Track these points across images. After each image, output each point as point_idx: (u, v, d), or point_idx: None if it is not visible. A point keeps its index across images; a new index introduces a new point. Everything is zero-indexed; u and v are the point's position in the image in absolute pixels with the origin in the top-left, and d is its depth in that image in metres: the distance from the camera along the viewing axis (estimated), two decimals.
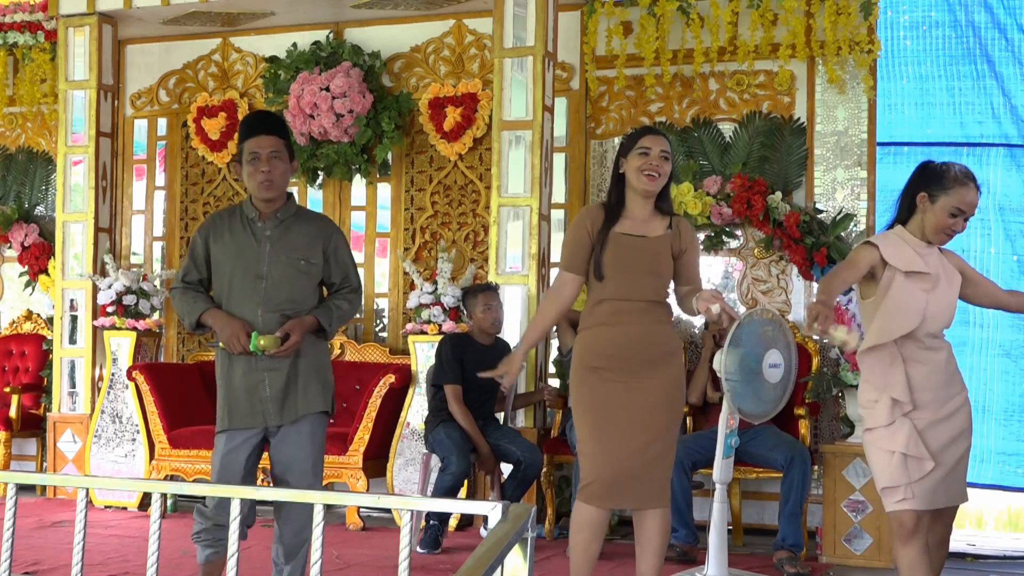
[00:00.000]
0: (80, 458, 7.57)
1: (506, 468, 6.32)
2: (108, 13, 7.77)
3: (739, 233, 6.94)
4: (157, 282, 7.64)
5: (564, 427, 6.45)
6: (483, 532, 6.20)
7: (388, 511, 7.00)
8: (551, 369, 7.00)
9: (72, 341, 7.77)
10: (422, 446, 6.52)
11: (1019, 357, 6.82)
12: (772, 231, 6.68)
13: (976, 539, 6.94)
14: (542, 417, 6.76)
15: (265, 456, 4.27)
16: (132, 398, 7.28)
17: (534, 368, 6.68)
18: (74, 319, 7.78)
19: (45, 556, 5.66)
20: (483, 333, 6.29)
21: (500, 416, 6.48)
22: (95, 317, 7.66)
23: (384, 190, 7.79)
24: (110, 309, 7.51)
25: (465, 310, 6.45)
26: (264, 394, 4.12)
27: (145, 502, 7.21)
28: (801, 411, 6.08)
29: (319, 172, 7.78)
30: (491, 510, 2.57)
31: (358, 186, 7.85)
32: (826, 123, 6.80)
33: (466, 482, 6.25)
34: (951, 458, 3.87)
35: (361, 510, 6.81)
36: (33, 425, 8.04)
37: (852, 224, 6.61)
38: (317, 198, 7.94)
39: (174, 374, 7.35)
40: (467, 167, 7.52)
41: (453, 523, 6.57)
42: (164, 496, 3.53)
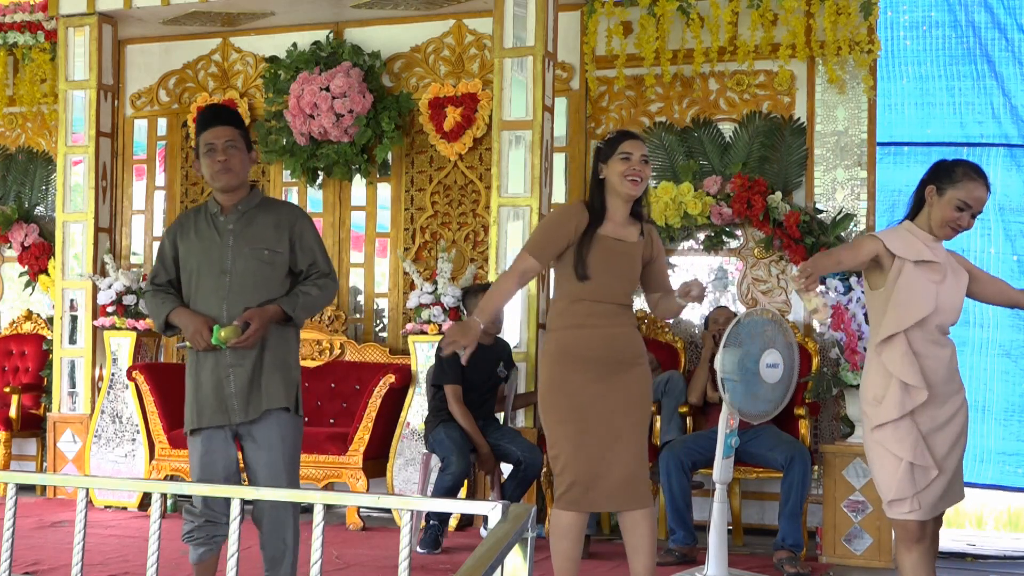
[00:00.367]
0: (80, 458, 7.57)
1: (506, 468, 6.32)
2: (108, 13, 7.77)
3: (739, 233, 6.94)
4: None
5: None
6: (483, 532, 6.19)
7: (388, 511, 7.00)
8: None
9: (72, 341, 7.77)
10: (422, 446, 6.52)
11: (1019, 357, 6.82)
12: (772, 231, 6.68)
13: (976, 539, 6.94)
14: None
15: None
16: (132, 398, 7.28)
17: (534, 368, 6.68)
18: (74, 319, 7.78)
19: (45, 556, 5.66)
20: (483, 333, 6.27)
21: (500, 416, 6.49)
22: (95, 317, 7.66)
23: (384, 190, 7.79)
24: (110, 309, 7.52)
25: (465, 310, 6.44)
26: (229, 390, 4.05)
27: (145, 502, 7.21)
28: (801, 411, 6.07)
29: (319, 172, 7.78)
30: (491, 510, 2.57)
31: (358, 186, 7.85)
32: (826, 123, 6.80)
33: (466, 482, 6.24)
34: (952, 463, 3.89)
35: (361, 510, 6.81)
36: (33, 425, 8.04)
37: (852, 224, 6.61)
38: (317, 198, 7.94)
39: (174, 374, 7.34)
40: (467, 167, 7.52)
41: (453, 523, 6.57)
42: (164, 496, 3.52)
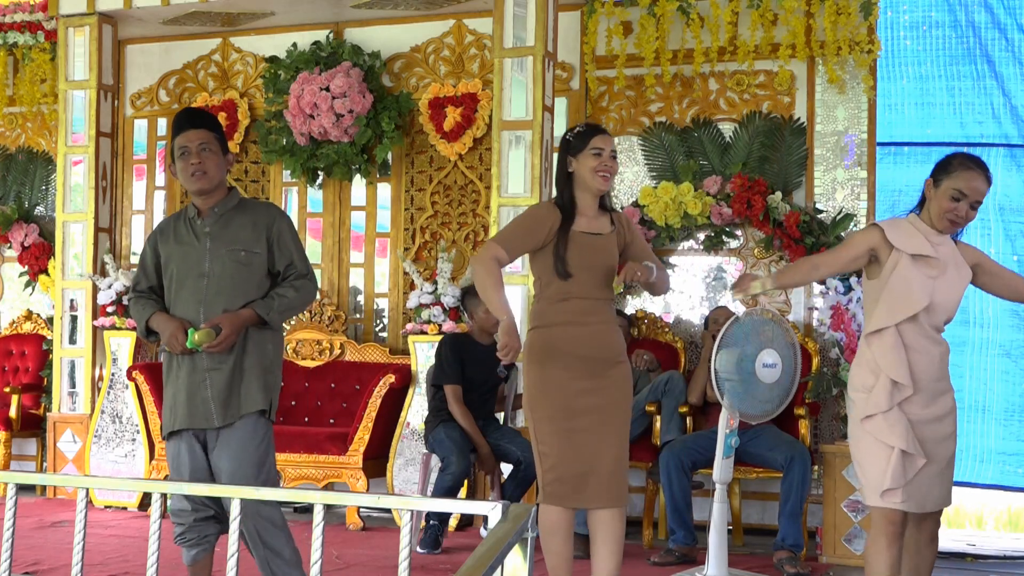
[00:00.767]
0: (80, 458, 7.57)
1: (506, 468, 6.33)
2: (108, 13, 7.77)
3: (739, 233, 6.94)
4: None
5: None
6: (483, 532, 6.19)
7: (388, 511, 7.01)
8: None
9: (72, 341, 7.77)
10: (422, 446, 6.52)
11: (1019, 357, 6.82)
12: (772, 231, 6.68)
13: (976, 539, 6.94)
14: None
15: None
16: (132, 398, 7.28)
17: None
18: (74, 319, 7.78)
19: (45, 556, 5.66)
20: (483, 333, 6.29)
21: (500, 416, 6.49)
22: (95, 317, 7.66)
23: (384, 190, 7.79)
24: (110, 309, 7.52)
25: (465, 310, 6.44)
26: (206, 394, 4.02)
27: (145, 502, 7.20)
28: (801, 411, 6.07)
29: (319, 172, 7.78)
30: (491, 510, 2.57)
31: (358, 186, 7.85)
32: (826, 123, 6.79)
33: (466, 482, 6.25)
34: (941, 457, 3.89)
35: (361, 510, 6.81)
36: (33, 425, 8.04)
37: (852, 224, 6.61)
38: (317, 198, 7.94)
39: None
40: (467, 167, 7.52)
41: (453, 523, 6.57)
42: (164, 496, 3.51)
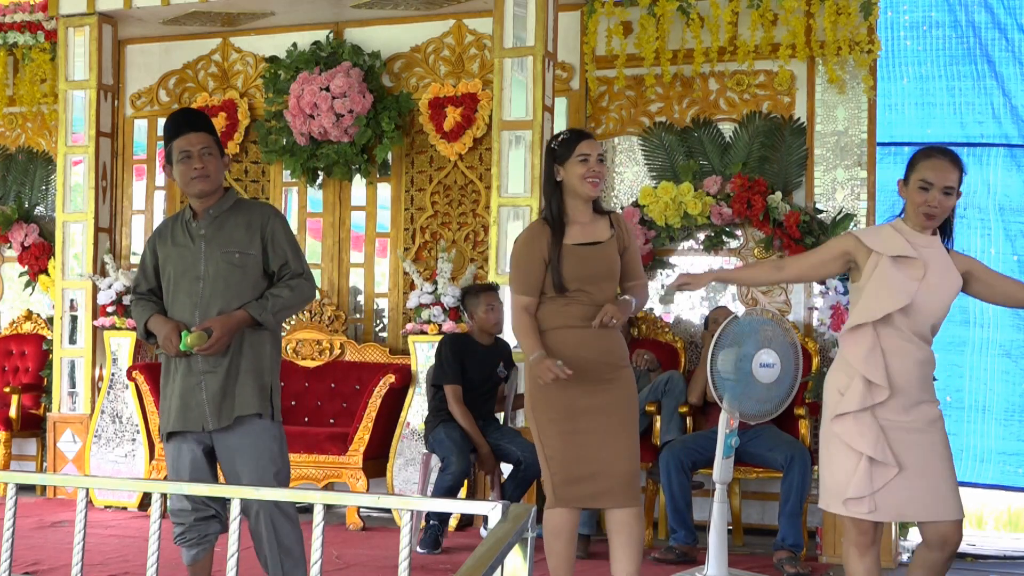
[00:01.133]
0: (80, 458, 7.57)
1: (506, 468, 6.32)
2: (108, 13, 7.77)
3: (739, 233, 6.94)
4: None
5: None
6: (483, 532, 6.20)
7: (388, 511, 7.00)
8: None
9: (72, 341, 7.77)
10: (422, 446, 6.52)
11: (1019, 357, 6.81)
12: (772, 231, 6.68)
13: (976, 539, 6.93)
14: None
15: None
16: (132, 398, 7.28)
17: None
18: (74, 319, 7.78)
19: (45, 556, 5.66)
20: (483, 333, 6.29)
21: (500, 416, 6.49)
22: (95, 317, 7.66)
23: (384, 190, 7.79)
24: (110, 309, 7.52)
25: (465, 310, 6.44)
26: (200, 396, 4.03)
27: (145, 502, 7.20)
28: (801, 411, 6.07)
29: (319, 172, 7.78)
30: (491, 510, 2.57)
31: (358, 186, 7.85)
32: (826, 123, 6.79)
33: (466, 482, 6.24)
34: (921, 466, 3.72)
35: (361, 510, 6.81)
36: (33, 425, 8.04)
37: (852, 224, 6.60)
38: (317, 198, 7.94)
39: None
40: (467, 167, 7.52)
41: (453, 523, 6.57)
42: (164, 496, 3.52)
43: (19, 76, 8.58)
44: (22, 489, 4.96)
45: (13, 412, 7.84)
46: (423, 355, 6.75)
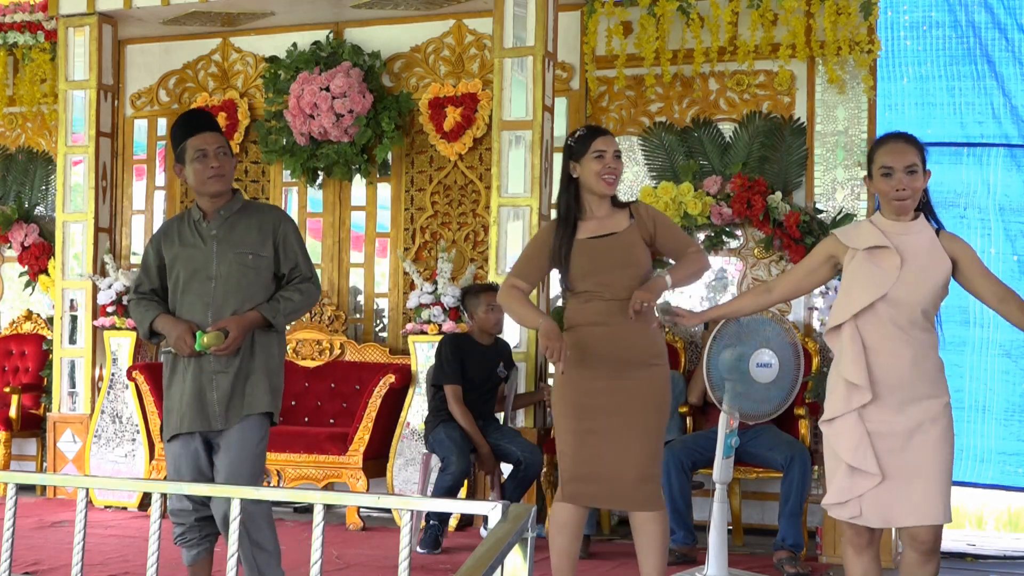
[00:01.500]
0: (80, 458, 7.57)
1: (506, 468, 6.32)
2: (108, 13, 7.77)
3: (739, 233, 6.94)
4: None
5: None
6: (483, 532, 6.20)
7: (388, 511, 7.00)
8: (551, 369, 7.00)
9: (72, 341, 7.77)
10: (422, 446, 6.52)
11: (1019, 357, 6.81)
12: (772, 231, 6.68)
13: (976, 539, 6.94)
14: (542, 417, 6.76)
15: None
16: (132, 398, 7.28)
17: (534, 368, 6.68)
18: (74, 319, 7.78)
19: (45, 556, 5.66)
20: (483, 333, 6.29)
21: (500, 416, 6.49)
22: (95, 317, 7.66)
23: (384, 190, 7.79)
24: (110, 309, 7.52)
25: (466, 310, 6.44)
26: (211, 396, 4.05)
27: (145, 502, 7.21)
28: (801, 411, 6.07)
29: (319, 172, 7.78)
30: (491, 510, 2.57)
31: (358, 186, 7.85)
32: (826, 123, 6.80)
33: (466, 482, 6.25)
34: (906, 472, 3.62)
35: (361, 510, 6.81)
36: (33, 425, 8.04)
37: (852, 224, 6.60)
38: (317, 198, 7.94)
39: None
40: (467, 167, 7.52)
41: (453, 523, 6.57)
42: (164, 496, 3.53)
43: (19, 76, 8.58)
44: (22, 489, 4.96)
45: (13, 412, 7.84)
46: (423, 355, 6.75)
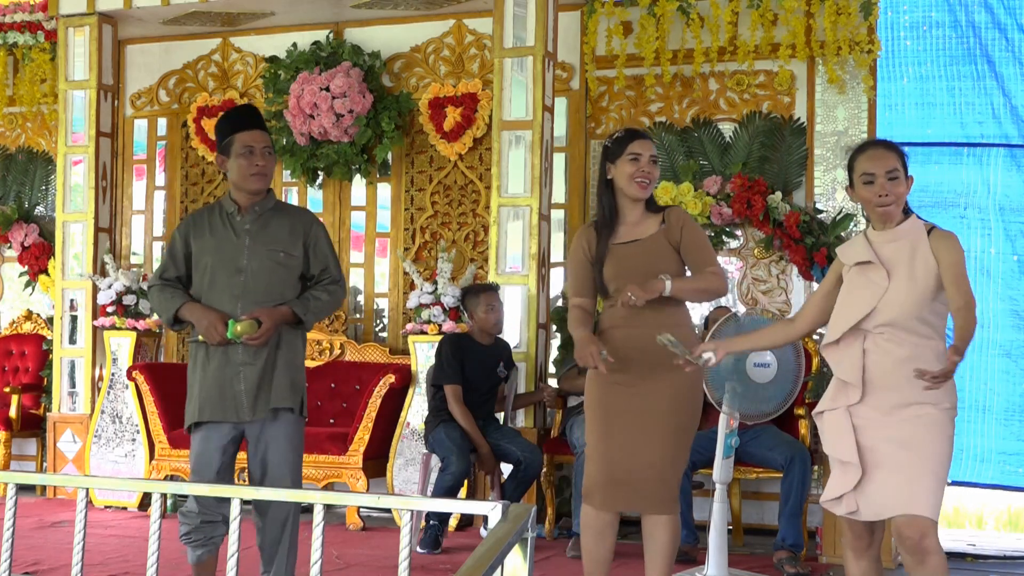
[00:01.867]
0: (80, 458, 7.57)
1: (506, 468, 6.32)
2: (108, 13, 7.77)
3: (739, 233, 6.94)
4: None
5: (564, 427, 6.45)
6: (483, 532, 6.19)
7: (388, 511, 7.00)
8: (551, 369, 7.00)
9: (72, 341, 7.77)
10: (422, 446, 6.52)
11: (1019, 357, 6.81)
12: (772, 231, 6.68)
13: (976, 539, 6.94)
14: (542, 417, 6.76)
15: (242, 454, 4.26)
16: (132, 398, 7.28)
17: (534, 368, 6.68)
18: (74, 319, 7.78)
19: (45, 556, 5.66)
20: (484, 333, 6.29)
21: (500, 416, 6.49)
22: (95, 317, 7.66)
23: (384, 190, 7.79)
24: (110, 309, 7.52)
25: (465, 310, 6.44)
26: (239, 387, 4.10)
27: (145, 502, 7.20)
28: (801, 411, 6.06)
29: (319, 172, 7.78)
30: (491, 510, 2.57)
31: (358, 186, 7.85)
32: (826, 123, 6.80)
33: (466, 482, 6.24)
34: (891, 463, 3.58)
35: (361, 510, 6.81)
36: (33, 425, 8.04)
37: (852, 224, 6.60)
38: (317, 198, 7.94)
39: (174, 374, 7.34)
40: (467, 167, 7.52)
41: (453, 523, 6.57)
42: (164, 496, 3.54)
43: (19, 76, 8.58)
44: (22, 489, 4.96)
45: (13, 412, 7.84)
46: (423, 355, 6.75)
